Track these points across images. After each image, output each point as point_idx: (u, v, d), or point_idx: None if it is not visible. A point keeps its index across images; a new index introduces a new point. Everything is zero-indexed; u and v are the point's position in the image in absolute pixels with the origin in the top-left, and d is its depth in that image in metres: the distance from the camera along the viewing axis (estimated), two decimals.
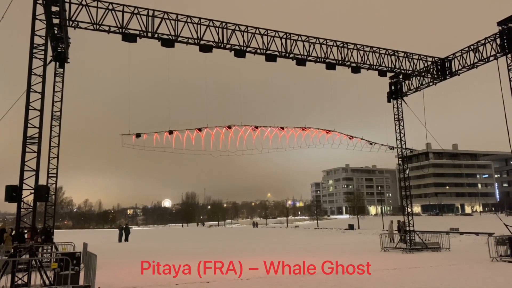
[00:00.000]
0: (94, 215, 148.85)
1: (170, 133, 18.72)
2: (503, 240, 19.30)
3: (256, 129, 20.59)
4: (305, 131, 21.78)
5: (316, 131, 22.12)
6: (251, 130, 20.42)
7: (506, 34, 19.98)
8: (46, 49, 13.99)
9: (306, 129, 21.80)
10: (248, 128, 20.37)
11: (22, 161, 12.77)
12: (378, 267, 16.60)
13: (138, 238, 46.81)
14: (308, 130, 21.86)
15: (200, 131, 19.37)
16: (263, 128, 20.75)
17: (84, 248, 17.11)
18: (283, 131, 21.20)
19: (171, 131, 18.72)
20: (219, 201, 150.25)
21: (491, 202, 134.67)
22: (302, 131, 21.69)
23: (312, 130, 21.98)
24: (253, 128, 20.48)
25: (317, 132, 22.17)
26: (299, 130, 21.61)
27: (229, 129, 20.03)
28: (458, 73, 23.23)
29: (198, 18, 18.33)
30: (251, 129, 20.42)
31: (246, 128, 20.34)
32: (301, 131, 21.67)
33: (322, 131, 22.36)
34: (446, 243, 23.74)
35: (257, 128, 20.60)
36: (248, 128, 20.38)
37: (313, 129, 21.99)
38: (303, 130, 21.72)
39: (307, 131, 21.82)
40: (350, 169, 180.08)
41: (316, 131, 22.13)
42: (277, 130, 21.06)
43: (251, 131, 20.43)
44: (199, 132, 19.35)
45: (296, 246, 30.64)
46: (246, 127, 20.34)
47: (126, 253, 27.09)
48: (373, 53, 21.95)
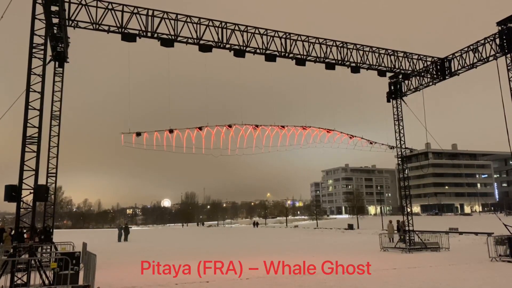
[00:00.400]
0: (93, 215, 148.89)
1: (170, 132, 18.68)
2: (502, 240, 19.32)
3: (257, 128, 20.56)
4: (306, 130, 21.76)
5: (316, 130, 22.12)
6: (251, 129, 20.40)
7: (506, 34, 19.98)
8: (45, 49, 13.97)
9: (307, 128, 21.79)
10: (248, 127, 20.34)
11: (22, 160, 12.75)
12: (378, 267, 16.61)
13: (137, 238, 46.79)
14: (309, 129, 21.85)
15: (200, 130, 19.33)
16: (263, 127, 20.72)
17: (84, 248, 17.14)
18: (284, 130, 21.18)
19: (171, 130, 18.68)
20: (218, 201, 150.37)
21: (490, 202, 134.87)
22: (303, 130, 21.68)
23: (313, 129, 21.97)
24: (253, 127, 20.46)
25: (318, 131, 22.16)
26: (300, 129, 21.61)
27: (230, 128, 19.99)
28: (457, 73, 23.24)
29: (197, 18, 18.32)
30: (251, 128, 20.40)
31: (247, 127, 20.31)
32: (302, 130, 21.66)
33: (323, 130, 22.37)
34: (445, 243, 23.77)
35: (258, 127, 20.56)
36: (249, 127, 20.35)
37: (314, 128, 21.99)
38: (304, 129, 21.71)
39: (307, 130, 21.80)
40: (350, 169, 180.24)
41: (317, 130, 22.14)
42: (277, 129, 21.05)
43: (251, 130, 20.40)
44: (199, 131, 19.32)
45: (295, 246, 30.64)
46: (246, 126, 20.32)
47: (125, 253, 27.08)
48: (373, 53, 21.96)
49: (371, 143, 24.10)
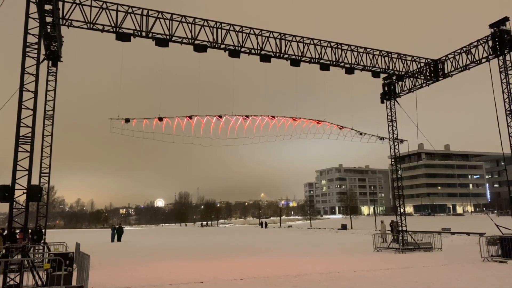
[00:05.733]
0: (86, 215, 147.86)
1: (160, 120, 18.45)
2: (494, 240, 19.51)
3: (247, 118, 20.46)
4: (296, 121, 21.73)
5: (306, 121, 22.10)
6: (242, 119, 20.29)
7: (498, 36, 20.18)
8: (39, 48, 13.89)
9: (297, 119, 21.77)
10: (239, 117, 20.22)
11: (15, 160, 12.66)
12: (371, 267, 16.70)
13: (131, 238, 46.57)
14: (299, 120, 21.83)
15: (190, 118, 19.13)
16: (254, 117, 20.62)
17: (77, 248, 17.04)
18: (274, 120, 21.12)
19: (161, 118, 18.48)
20: (212, 201, 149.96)
21: (482, 202, 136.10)
22: (293, 121, 21.64)
23: (303, 120, 21.97)
24: (244, 118, 20.36)
25: (308, 122, 22.14)
26: (290, 119, 21.57)
27: (220, 118, 19.83)
28: (450, 74, 23.43)
29: (192, 17, 18.29)
30: (242, 118, 20.29)
31: (237, 118, 20.20)
32: (292, 121, 21.61)
33: (313, 121, 22.37)
34: (438, 243, 23.94)
35: (248, 117, 20.46)
36: (239, 117, 20.24)
37: (304, 119, 22.00)
38: (294, 120, 21.67)
39: (297, 121, 21.77)
40: (343, 169, 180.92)
41: (307, 121, 22.13)
42: (268, 119, 21.00)
43: (242, 120, 20.30)
44: (189, 120, 19.10)
45: (289, 246, 30.70)
46: (237, 117, 20.20)
47: (119, 253, 26.96)
48: (367, 54, 22.07)
49: (361, 134, 24.12)
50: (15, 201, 12.58)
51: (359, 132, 24.21)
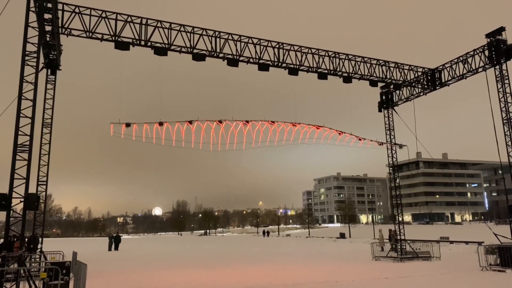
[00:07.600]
0: (83, 223, 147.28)
1: (160, 125, 18.54)
2: (493, 249, 19.46)
3: (247, 124, 20.53)
4: (296, 126, 21.84)
5: (306, 127, 22.21)
6: (242, 124, 20.36)
7: (495, 46, 20.37)
8: (38, 57, 13.93)
9: (297, 125, 21.88)
10: (239, 122, 20.30)
11: (12, 169, 12.63)
12: (370, 276, 16.63)
13: (128, 247, 46.30)
14: (299, 125, 21.92)
15: (190, 123, 19.19)
16: (254, 122, 20.71)
17: (74, 257, 16.93)
18: (274, 125, 21.23)
19: (161, 123, 18.57)
20: (210, 210, 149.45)
21: (480, 211, 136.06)
22: (293, 126, 21.76)
23: (303, 125, 22.07)
24: (244, 123, 20.43)
25: (307, 128, 22.25)
26: (290, 125, 21.68)
27: (220, 124, 19.89)
28: (447, 83, 23.58)
29: (191, 27, 18.42)
30: (242, 123, 20.36)
31: (237, 123, 20.27)
32: (292, 126, 21.73)
33: (312, 127, 22.48)
34: (436, 252, 23.87)
35: (248, 123, 20.54)
36: (239, 122, 20.30)
37: (304, 125, 22.10)
38: (294, 126, 21.79)
39: (297, 126, 21.88)
40: (342, 178, 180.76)
41: (306, 126, 22.23)
42: (268, 124, 21.10)
43: (242, 125, 20.37)
44: (189, 125, 19.17)
45: (287, 254, 30.56)
46: (237, 122, 20.27)
47: (116, 262, 26.77)
48: (365, 63, 22.22)
49: (360, 139, 24.18)
50: (12, 210, 12.53)
51: (358, 138, 24.27)
